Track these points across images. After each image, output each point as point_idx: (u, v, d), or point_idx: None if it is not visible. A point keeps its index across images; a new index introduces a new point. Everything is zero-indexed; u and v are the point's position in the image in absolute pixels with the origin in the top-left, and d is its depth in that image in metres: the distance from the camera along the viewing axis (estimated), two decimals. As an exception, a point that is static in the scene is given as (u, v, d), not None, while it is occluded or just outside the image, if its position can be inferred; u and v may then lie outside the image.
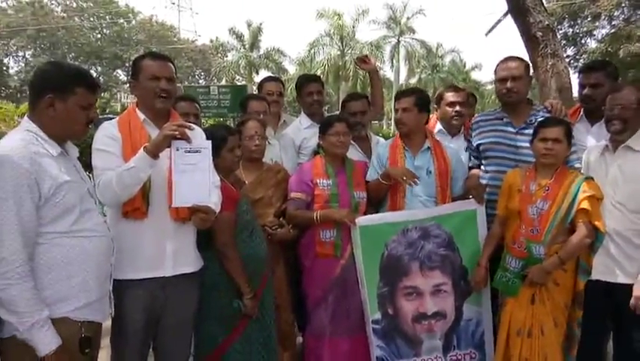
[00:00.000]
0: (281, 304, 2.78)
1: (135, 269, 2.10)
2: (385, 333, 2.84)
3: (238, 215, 2.42)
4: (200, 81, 36.11)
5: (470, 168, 3.04)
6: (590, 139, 2.91)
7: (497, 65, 2.91)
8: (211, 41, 37.22)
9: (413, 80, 33.40)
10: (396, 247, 2.81)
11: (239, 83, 26.55)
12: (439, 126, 3.34)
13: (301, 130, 3.43)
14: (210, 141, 2.10)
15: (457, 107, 3.23)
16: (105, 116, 16.32)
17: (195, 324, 2.35)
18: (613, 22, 21.20)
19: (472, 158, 3.06)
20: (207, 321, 2.39)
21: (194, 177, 2.02)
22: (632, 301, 2.43)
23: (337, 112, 3.52)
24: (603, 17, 20.82)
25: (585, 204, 2.46)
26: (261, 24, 31.65)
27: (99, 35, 34.65)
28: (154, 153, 1.97)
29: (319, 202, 2.81)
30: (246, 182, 2.79)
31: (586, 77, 2.96)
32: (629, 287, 2.47)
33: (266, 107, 3.17)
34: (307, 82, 3.56)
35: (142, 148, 1.98)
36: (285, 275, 2.86)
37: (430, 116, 3.34)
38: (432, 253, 2.82)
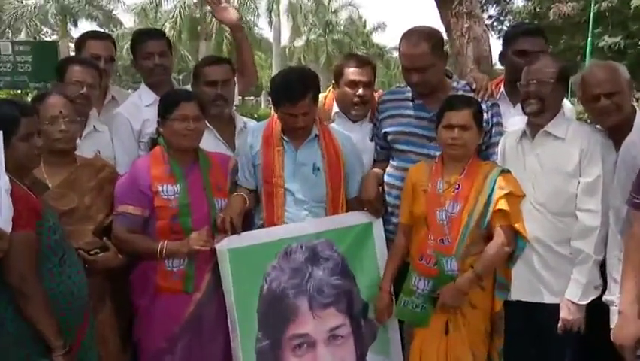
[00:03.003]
0: (107, 358, 2.71)
1: None
2: None
3: (40, 234, 2.30)
4: (-15, 33, 33.22)
5: (375, 163, 3.15)
6: (513, 122, 3.08)
7: (400, 42, 2.97)
8: (2, -23, 34.43)
9: (299, 43, 33.85)
10: (278, 277, 2.82)
11: (47, 39, 24.86)
12: (335, 108, 3.38)
13: (141, 109, 3.34)
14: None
15: (361, 90, 3.21)
16: None
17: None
18: (543, -25, 23.28)
19: (378, 148, 3.18)
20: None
21: None
22: (559, 324, 2.68)
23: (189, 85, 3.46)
24: (532, -31, 22.81)
25: (502, 204, 2.63)
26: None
27: None
28: None
29: (163, 218, 2.76)
30: (50, 185, 2.67)
31: (529, 43, 3.19)
32: (553, 307, 2.70)
33: (96, 77, 3.08)
34: (145, 39, 3.48)
35: None
36: (112, 317, 2.81)
37: (324, 94, 3.45)
38: (324, 284, 2.84)
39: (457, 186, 2.72)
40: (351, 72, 3.26)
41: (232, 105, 3.30)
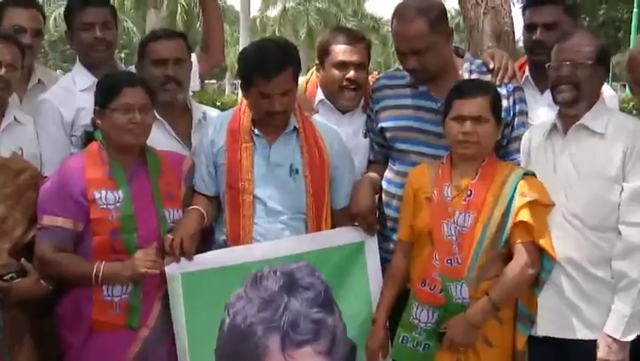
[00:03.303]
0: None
1: None
2: None
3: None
4: None
5: (371, 164, 3.06)
6: (541, 114, 2.98)
7: (392, 19, 2.87)
8: None
9: (274, 12, 33.53)
10: (243, 309, 2.54)
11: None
12: (320, 95, 3.23)
13: (75, 95, 3.17)
14: None
15: (352, 73, 3.04)
16: None
17: None
18: None
19: (375, 146, 3.06)
20: None
21: None
22: None
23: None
24: None
25: (525, 215, 2.50)
26: None
27: None
28: None
29: (101, 233, 2.61)
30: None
31: (537, 14, 3.08)
32: (589, 345, 2.54)
33: (17, 55, 2.87)
34: (83, 5, 3.24)
35: None
36: (34, 357, 2.68)
37: (306, 78, 3.40)
38: (300, 318, 2.59)
39: (468, 193, 2.60)
40: (340, 50, 3.10)
41: (187, 90, 3.16)
